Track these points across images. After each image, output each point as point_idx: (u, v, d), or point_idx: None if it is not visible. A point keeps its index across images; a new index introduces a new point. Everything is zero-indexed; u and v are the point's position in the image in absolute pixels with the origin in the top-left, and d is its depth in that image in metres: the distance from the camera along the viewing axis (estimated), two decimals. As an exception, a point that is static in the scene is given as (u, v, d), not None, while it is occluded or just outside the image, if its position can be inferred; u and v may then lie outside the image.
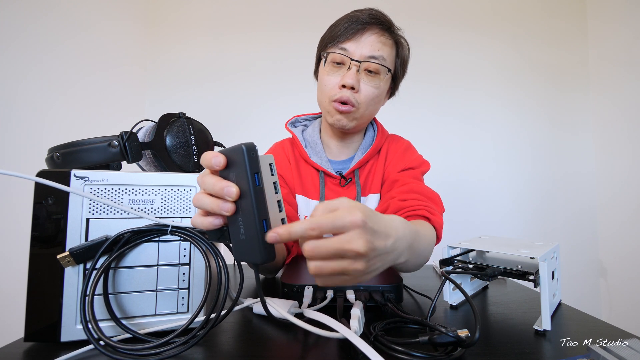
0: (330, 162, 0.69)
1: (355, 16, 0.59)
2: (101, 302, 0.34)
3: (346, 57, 0.58)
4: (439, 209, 0.59)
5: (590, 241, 1.65)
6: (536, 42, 1.69)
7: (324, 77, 0.61)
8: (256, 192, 0.26)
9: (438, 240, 0.56)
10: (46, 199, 0.33)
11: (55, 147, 0.39)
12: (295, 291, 0.43)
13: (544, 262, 0.37)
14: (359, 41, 0.58)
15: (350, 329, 0.30)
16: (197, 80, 1.65)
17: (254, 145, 0.26)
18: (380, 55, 0.59)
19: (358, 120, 0.63)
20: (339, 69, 0.60)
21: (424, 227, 0.50)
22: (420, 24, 1.69)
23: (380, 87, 0.61)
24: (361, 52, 0.58)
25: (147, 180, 0.36)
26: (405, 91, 1.79)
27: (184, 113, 0.46)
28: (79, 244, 0.33)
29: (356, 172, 0.67)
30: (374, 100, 0.62)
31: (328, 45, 0.61)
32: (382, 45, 0.59)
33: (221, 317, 0.33)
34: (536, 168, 1.67)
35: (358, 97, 0.59)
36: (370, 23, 0.58)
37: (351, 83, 0.57)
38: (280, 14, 1.67)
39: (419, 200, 0.57)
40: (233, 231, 0.28)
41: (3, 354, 0.32)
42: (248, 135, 1.61)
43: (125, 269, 0.35)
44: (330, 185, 0.67)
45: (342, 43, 0.58)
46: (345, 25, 0.58)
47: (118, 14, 1.44)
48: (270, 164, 0.29)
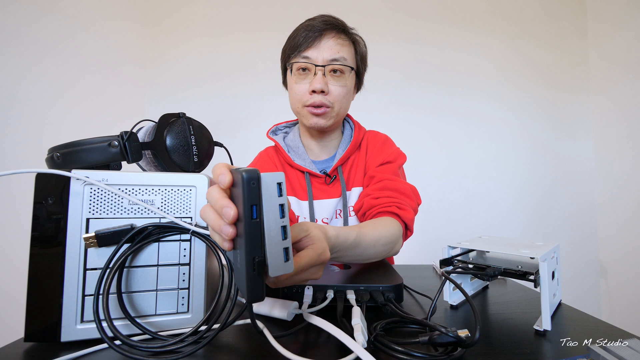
0: (313, 162, 0.73)
1: (310, 25, 0.63)
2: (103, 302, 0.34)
3: (310, 64, 0.62)
4: (412, 203, 0.63)
5: (590, 241, 1.65)
6: (536, 42, 1.69)
7: (294, 86, 0.66)
8: (251, 226, 0.24)
9: (410, 233, 0.62)
10: (46, 199, 0.33)
11: (55, 147, 0.39)
12: (295, 291, 0.43)
13: (544, 262, 0.37)
14: (319, 47, 0.62)
15: (356, 341, 0.29)
16: (197, 80, 1.65)
17: (256, 175, 0.24)
18: (341, 56, 0.63)
19: (334, 118, 0.67)
20: (305, 76, 0.64)
21: (379, 228, 0.52)
22: (420, 23, 1.69)
23: (347, 85, 0.66)
24: (323, 57, 0.62)
25: (147, 180, 0.36)
26: (405, 91, 1.80)
27: (184, 113, 0.46)
28: (105, 228, 0.34)
29: (339, 169, 0.71)
30: (345, 98, 0.66)
31: (291, 55, 0.65)
32: (341, 46, 0.63)
33: (229, 323, 0.33)
34: (536, 168, 1.67)
35: (330, 98, 0.64)
36: (326, 29, 0.63)
37: (320, 87, 0.62)
38: (280, 15, 1.67)
39: (390, 198, 0.61)
40: (234, 256, 0.26)
41: (3, 354, 0.32)
42: (248, 135, 1.61)
43: (125, 268, 0.35)
44: (316, 185, 0.71)
45: (303, 52, 0.63)
46: (303, 34, 0.62)
47: (118, 14, 1.44)
48: (280, 183, 0.26)
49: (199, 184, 0.38)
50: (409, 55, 1.68)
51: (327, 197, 0.70)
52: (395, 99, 1.66)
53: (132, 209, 0.36)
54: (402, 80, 1.66)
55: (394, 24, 1.68)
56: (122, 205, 0.35)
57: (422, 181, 1.37)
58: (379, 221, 0.56)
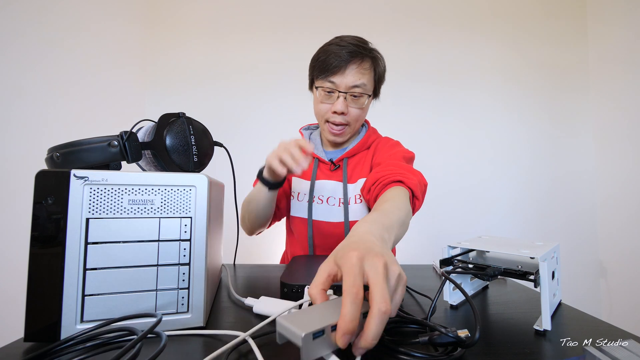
0: (325, 152, 0.84)
1: (339, 53, 0.70)
2: (103, 301, 0.34)
3: (334, 89, 0.72)
4: (414, 178, 0.64)
5: (590, 241, 1.65)
6: (536, 42, 1.69)
7: (319, 104, 0.76)
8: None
9: (418, 201, 0.63)
10: (46, 198, 0.33)
11: (55, 147, 0.39)
12: (295, 291, 0.43)
13: (544, 262, 0.37)
14: (344, 74, 0.71)
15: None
16: (197, 81, 1.65)
17: None
18: (362, 82, 0.71)
19: (350, 133, 0.79)
20: (329, 97, 0.74)
21: (393, 198, 0.55)
22: (420, 24, 1.69)
23: (364, 105, 0.75)
24: (346, 84, 0.71)
25: (147, 180, 0.36)
26: (405, 91, 1.80)
27: (184, 113, 0.46)
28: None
29: (345, 160, 0.80)
30: (361, 116, 0.77)
31: (319, 77, 0.73)
32: (362, 74, 0.71)
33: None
34: (536, 168, 1.67)
35: (348, 118, 0.74)
36: (352, 59, 0.70)
37: (341, 109, 0.72)
38: (280, 16, 1.67)
39: (393, 171, 0.65)
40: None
41: (3, 354, 0.32)
42: (248, 135, 1.61)
43: (125, 268, 0.35)
44: (322, 169, 0.82)
45: (330, 77, 0.71)
46: (332, 60, 0.70)
47: (118, 14, 1.44)
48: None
49: (199, 183, 0.38)
50: (408, 55, 1.68)
51: (329, 179, 0.79)
52: (395, 99, 1.66)
53: (132, 209, 0.36)
54: (402, 80, 1.66)
55: (394, 24, 1.69)
56: (122, 205, 0.35)
57: (422, 181, 1.37)
58: (387, 194, 0.59)
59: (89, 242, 0.34)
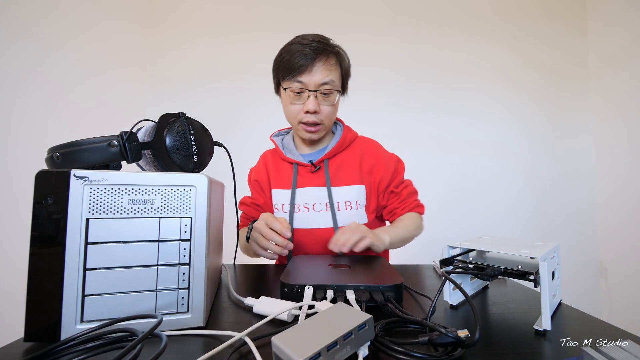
0: (302, 155, 0.83)
1: (302, 51, 0.70)
2: (103, 301, 0.34)
3: (304, 89, 0.71)
4: (416, 197, 0.84)
5: (590, 241, 1.65)
6: (536, 42, 1.69)
7: (289, 106, 0.75)
8: None
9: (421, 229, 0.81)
10: (46, 198, 0.33)
11: (55, 147, 0.39)
12: (295, 291, 0.43)
13: (544, 262, 0.37)
14: (311, 72, 0.70)
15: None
16: (197, 81, 1.65)
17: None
18: (330, 79, 0.71)
19: (325, 130, 0.79)
20: (299, 97, 0.73)
21: (410, 218, 0.78)
22: (420, 24, 1.69)
23: (335, 101, 0.75)
24: (315, 82, 0.70)
25: (147, 180, 0.36)
26: (404, 91, 1.80)
27: (184, 113, 0.46)
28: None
29: (326, 162, 0.80)
30: (333, 113, 0.77)
31: (286, 78, 0.72)
32: (329, 71, 0.71)
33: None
34: (536, 168, 1.67)
35: (321, 116, 0.74)
36: (317, 56, 0.70)
37: (313, 108, 0.72)
38: (280, 16, 1.67)
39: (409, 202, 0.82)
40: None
41: (3, 354, 0.31)
42: (248, 135, 1.61)
43: (125, 268, 0.35)
44: (302, 173, 0.81)
45: (297, 76, 0.71)
46: (297, 60, 0.70)
47: (118, 14, 1.44)
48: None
49: (199, 183, 0.38)
50: (408, 55, 1.68)
51: (311, 185, 0.79)
52: (395, 99, 1.66)
53: (132, 209, 0.36)
54: (401, 80, 1.66)
55: (394, 24, 1.69)
56: (122, 205, 0.35)
57: (422, 181, 1.36)
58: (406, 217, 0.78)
59: (89, 242, 0.34)
